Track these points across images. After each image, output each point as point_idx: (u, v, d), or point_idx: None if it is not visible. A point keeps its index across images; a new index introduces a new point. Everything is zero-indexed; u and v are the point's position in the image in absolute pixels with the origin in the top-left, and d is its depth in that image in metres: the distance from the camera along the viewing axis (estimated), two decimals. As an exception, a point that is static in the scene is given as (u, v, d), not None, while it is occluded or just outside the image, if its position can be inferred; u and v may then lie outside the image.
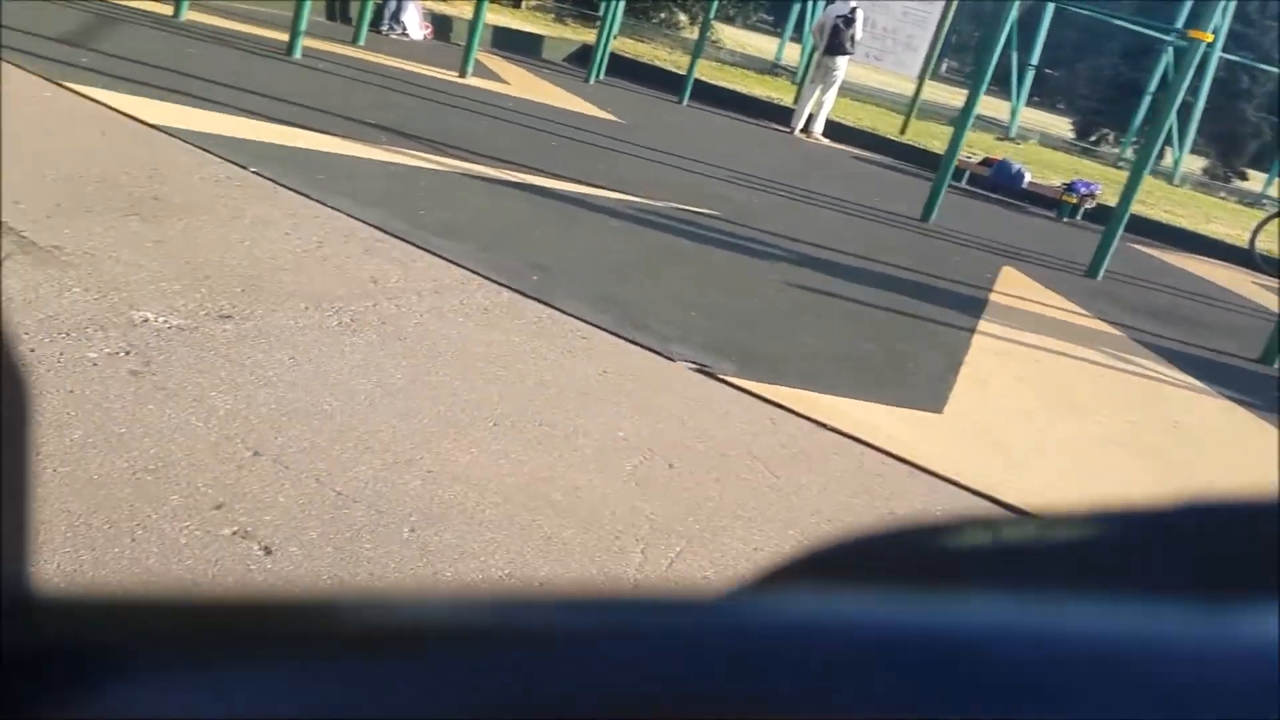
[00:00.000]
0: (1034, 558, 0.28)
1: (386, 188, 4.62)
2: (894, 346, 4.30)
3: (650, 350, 3.52)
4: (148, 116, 4.66)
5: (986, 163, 11.33)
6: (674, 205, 5.97)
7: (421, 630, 0.22)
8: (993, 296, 5.82)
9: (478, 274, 3.81)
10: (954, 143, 7.76)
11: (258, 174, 4.27)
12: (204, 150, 4.40)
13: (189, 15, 7.97)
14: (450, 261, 3.86)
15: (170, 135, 4.50)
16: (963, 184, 10.68)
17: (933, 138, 13.97)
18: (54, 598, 0.22)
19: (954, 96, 26.40)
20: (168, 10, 7.93)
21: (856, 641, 0.20)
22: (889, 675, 0.19)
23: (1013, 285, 6.33)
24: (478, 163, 5.66)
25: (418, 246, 3.93)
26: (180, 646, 0.21)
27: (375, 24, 10.52)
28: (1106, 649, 0.19)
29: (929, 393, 3.85)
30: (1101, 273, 7.24)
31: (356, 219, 4.05)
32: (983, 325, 5.05)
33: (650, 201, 5.89)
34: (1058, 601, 0.22)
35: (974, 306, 5.45)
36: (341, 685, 0.20)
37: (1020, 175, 11.05)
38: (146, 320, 2.77)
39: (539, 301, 3.70)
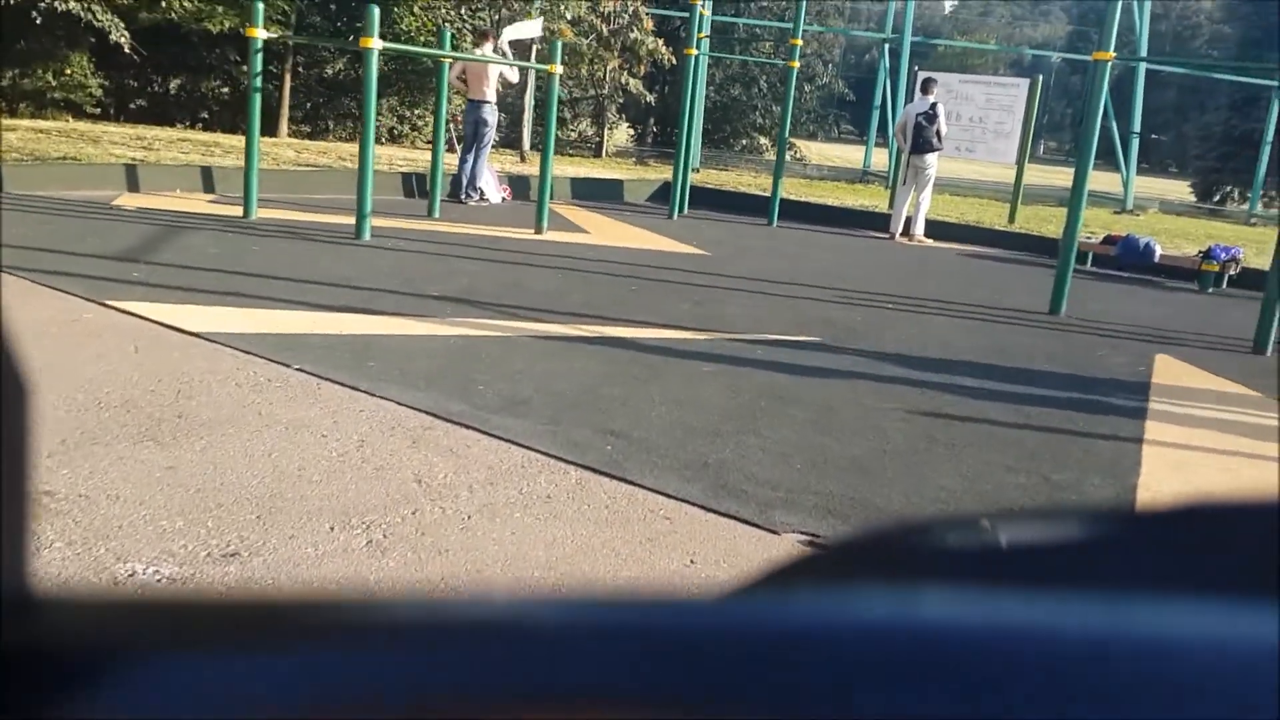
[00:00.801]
0: (1034, 558, 0.28)
1: (444, 365, 4.19)
2: (1048, 476, 3.58)
3: (748, 524, 2.91)
4: (191, 325, 4.38)
5: (1110, 240, 10.49)
6: (770, 337, 5.42)
7: (421, 629, 0.22)
8: (1153, 394, 5.03)
9: (541, 453, 3.29)
10: (1071, 224, 7.05)
11: (301, 370, 3.90)
12: (247, 353, 4.06)
13: (260, 213, 7.95)
14: (510, 442, 3.36)
15: (212, 342, 4.18)
16: (1088, 267, 9.86)
17: (1044, 222, 13.19)
18: (54, 598, 0.23)
19: (1057, 176, 25.52)
20: (239, 212, 7.93)
21: (856, 641, 0.20)
22: (889, 675, 0.19)
23: (1173, 376, 5.51)
24: (549, 322, 5.24)
25: (473, 429, 3.44)
26: (179, 646, 0.21)
27: (453, 194, 10.50)
28: (1106, 649, 0.20)
29: (1104, 531, 3.11)
30: (1270, 346, 6.34)
31: (407, 406, 3.61)
32: (1150, 432, 4.28)
33: (742, 337, 5.35)
34: (1058, 601, 0.22)
35: (1133, 410, 4.68)
36: (339, 683, 0.20)
37: (1150, 249, 10.16)
38: (133, 574, 2.31)
39: (613, 478, 3.15)
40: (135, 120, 16.31)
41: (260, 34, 7.90)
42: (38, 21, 12.89)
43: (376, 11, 7.34)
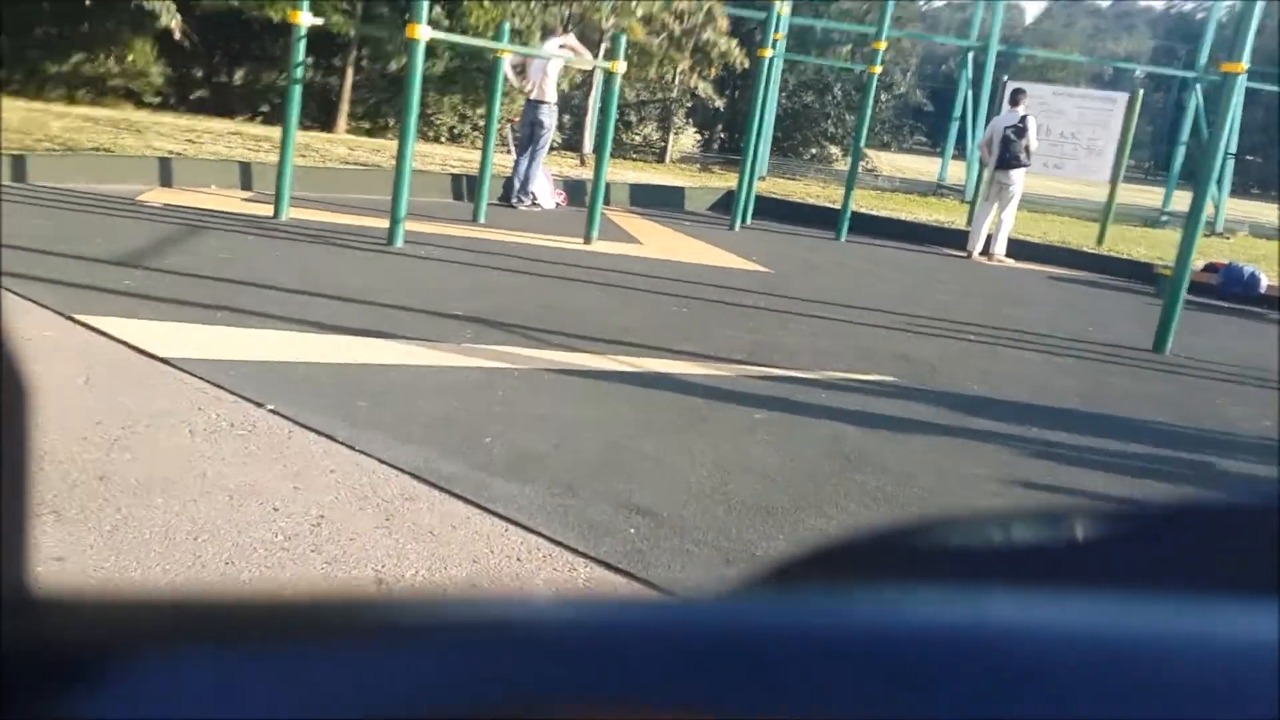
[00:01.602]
0: (1034, 558, 0.29)
1: (450, 407, 3.55)
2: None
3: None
4: (162, 348, 3.79)
5: (1211, 268, 9.57)
6: (836, 376, 4.70)
7: (422, 630, 0.22)
8: (1298, 465, 4.22)
9: (545, 538, 2.63)
10: (1184, 253, 6.22)
11: (274, 412, 3.28)
12: (217, 386, 3.46)
13: (293, 213, 7.42)
14: (508, 521, 2.70)
15: (180, 370, 3.59)
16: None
17: (1132, 244, 12.25)
18: (54, 598, 0.23)
19: (1140, 195, 24.25)
20: (270, 211, 7.40)
21: (856, 642, 0.20)
22: (889, 675, 0.19)
23: (1315, 439, 4.69)
24: (583, 351, 4.58)
25: (467, 500, 2.79)
26: (179, 646, 0.21)
27: (504, 198, 9.92)
28: (1107, 648, 0.20)
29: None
30: None
31: (390, 465, 2.97)
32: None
33: (805, 375, 4.64)
34: (1057, 601, 0.23)
35: (1269, 483, 3.88)
36: (339, 683, 0.20)
37: (1255, 279, 9.23)
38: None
39: (633, 578, 2.47)
40: (196, 111, 16.01)
41: (304, 19, 7.39)
42: (87, 4, 12.58)
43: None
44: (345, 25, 14.83)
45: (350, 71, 16.58)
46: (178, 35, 14.13)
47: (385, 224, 7.00)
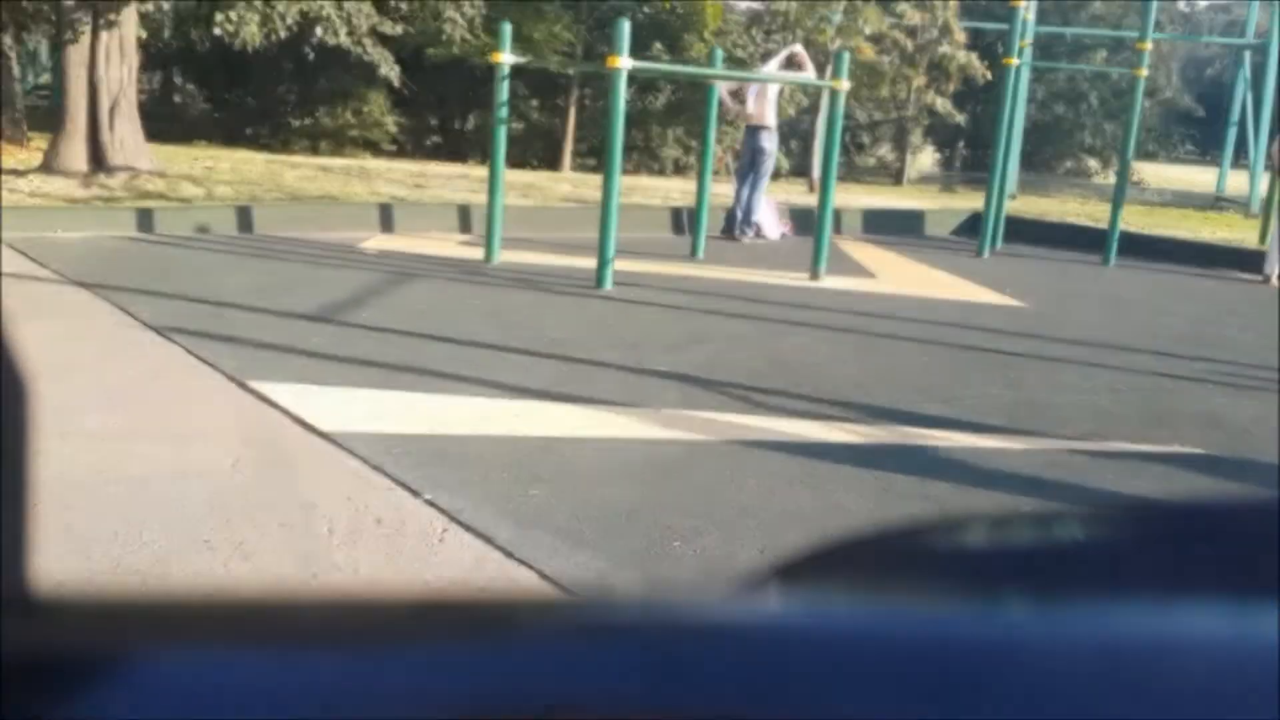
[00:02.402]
0: (1035, 558, 0.29)
1: (638, 497, 2.94)
2: None
3: None
4: (326, 419, 3.39)
5: None
6: (1121, 447, 3.78)
7: (418, 629, 0.22)
8: None
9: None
10: None
11: (431, 504, 2.78)
12: (375, 469, 3.01)
13: (505, 256, 7.12)
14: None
15: (340, 446, 3.17)
16: None
17: None
18: (54, 599, 0.23)
19: None
20: (482, 254, 7.14)
21: (855, 641, 0.20)
22: (888, 674, 0.19)
23: None
24: (803, 417, 3.88)
25: (641, 639, 2.18)
26: (179, 646, 0.21)
27: (726, 230, 9.36)
28: (1108, 647, 0.20)
29: None
30: None
31: (552, 581, 2.39)
32: None
33: (1082, 446, 3.74)
34: (1059, 602, 0.23)
35: None
36: (337, 683, 0.20)
37: None
38: None
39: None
40: (429, 157, 16.46)
41: (506, 59, 7.13)
42: (310, 57, 13.07)
43: (626, 26, 6.34)
44: (562, 64, 14.80)
45: (573, 110, 16.58)
46: (396, 84, 14.54)
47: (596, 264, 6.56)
